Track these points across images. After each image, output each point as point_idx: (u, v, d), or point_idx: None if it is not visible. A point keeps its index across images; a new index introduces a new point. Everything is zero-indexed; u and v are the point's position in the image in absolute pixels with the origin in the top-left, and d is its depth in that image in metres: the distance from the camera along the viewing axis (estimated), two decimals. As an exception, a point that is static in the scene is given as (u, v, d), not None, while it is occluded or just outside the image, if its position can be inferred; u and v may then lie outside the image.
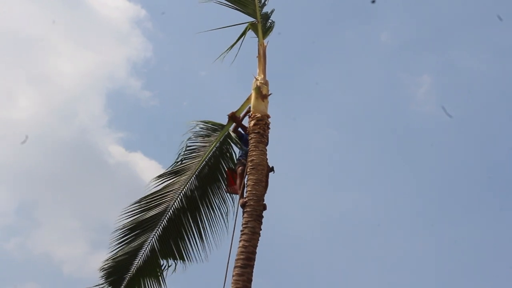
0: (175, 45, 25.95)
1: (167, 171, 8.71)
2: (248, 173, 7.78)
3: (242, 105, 8.83)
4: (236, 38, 9.38)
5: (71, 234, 22.31)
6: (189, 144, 8.87)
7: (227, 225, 8.49)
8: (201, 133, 8.97)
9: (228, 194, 8.68)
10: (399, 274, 18.62)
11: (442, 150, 22.20)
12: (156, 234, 8.46)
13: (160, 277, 8.52)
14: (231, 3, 9.34)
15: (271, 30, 9.32)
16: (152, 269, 8.50)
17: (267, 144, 8.14)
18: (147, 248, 8.46)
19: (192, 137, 8.92)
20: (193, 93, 24.22)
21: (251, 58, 8.98)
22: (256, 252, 7.25)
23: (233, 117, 8.77)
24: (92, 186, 22.10)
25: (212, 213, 8.70)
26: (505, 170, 21.21)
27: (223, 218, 8.63)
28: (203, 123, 9.00)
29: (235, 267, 7.15)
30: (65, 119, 24.99)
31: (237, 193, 8.24)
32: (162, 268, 8.50)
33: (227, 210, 8.66)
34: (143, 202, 8.50)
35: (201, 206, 8.67)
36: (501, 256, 18.55)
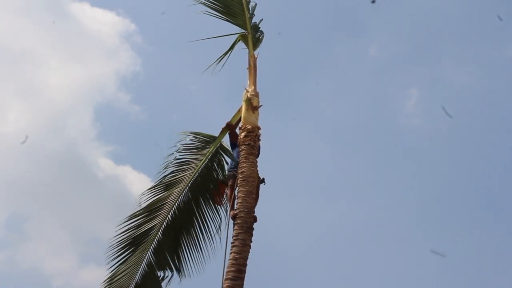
0: (164, 59, 26.00)
1: (157, 183, 8.69)
2: (238, 185, 7.76)
3: (233, 116, 8.85)
4: (221, 56, 9.34)
5: (60, 247, 22.12)
6: (178, 157, 8.87)
7: (220, 237, 8.49)
8: (192, 145, 8.98)
9: (220, 205, 8.67)
10: (400, 276, 18.63)
11: (430, 159, 22.45)
12: (151, 248, 8.38)
13: None
14: (221, 14, 9.32)
15: (261, 41, 9.33)
16: (149, 285, 8.42)
17: (258, 155, 8.15)
18: (144, 264, 8.38)
19: (182, 149, 8.92)
20: (183, 107, 24.27)
21: (241, 71, 9.00)
22: (246, 264, 7.24)
23: (229, 126, 8.76)
24: (81, 199, 21.97)
25: (206, 225, 8.69)
26: (498, 176, 21.44)
27: (216, 229, 8.64)
28: (194, 135, 9.00)
29: (225, 279, 7.14)
30: (54, 132, 24.93)
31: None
32: (160, 279, 8.44)
33: (220, 221, 8.67)
34: (137, 217, 8.45)
35: (194, 218, 8.66)
36: (501, 256, 18.62)
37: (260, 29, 9.42)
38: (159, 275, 8.45)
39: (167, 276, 8.48)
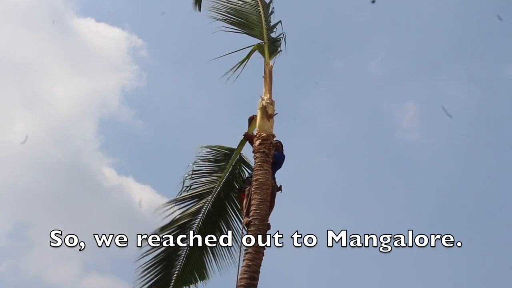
0: (169, 75, 26.54)
1: (181, 197, 8.83)
2: (252, 192, 7.76)
3: (250, 126, 8.80)
4: (237, 64, 9.26)
5: (64, 255, 21.95)
6: (196, 169, 8.97)
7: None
8: (209, 157, 9.09)
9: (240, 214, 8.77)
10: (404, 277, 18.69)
11: (427, 172, 22.83)
12: (181, 263, 8.66)
13: None
14: (237, 27, 9.39)
15: (278, 50, 9.35)
16: None
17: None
18: (174, 277, 8.62)
19: (199, 161, 9.04)
20: (187, 122, 24.49)
21: (248, 88, 9.04)
22: (259, 272, 7.23)
23: (247, 136, 8.72)
24: (85, 207, 21.99)
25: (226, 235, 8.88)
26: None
27: (236, 240, 8.77)
28: (210, 148, 9.10)
29: (238, 286, 7.15)
30: (59, 142, 25.23)
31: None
32: None
33: (241, 231, 8.68)
34: (165, 232, 8.65)
35: (218, 230, 8.87)
36: (501, 256, 18.54)
37: (278, 38, 9.48)
38: None
39: None
